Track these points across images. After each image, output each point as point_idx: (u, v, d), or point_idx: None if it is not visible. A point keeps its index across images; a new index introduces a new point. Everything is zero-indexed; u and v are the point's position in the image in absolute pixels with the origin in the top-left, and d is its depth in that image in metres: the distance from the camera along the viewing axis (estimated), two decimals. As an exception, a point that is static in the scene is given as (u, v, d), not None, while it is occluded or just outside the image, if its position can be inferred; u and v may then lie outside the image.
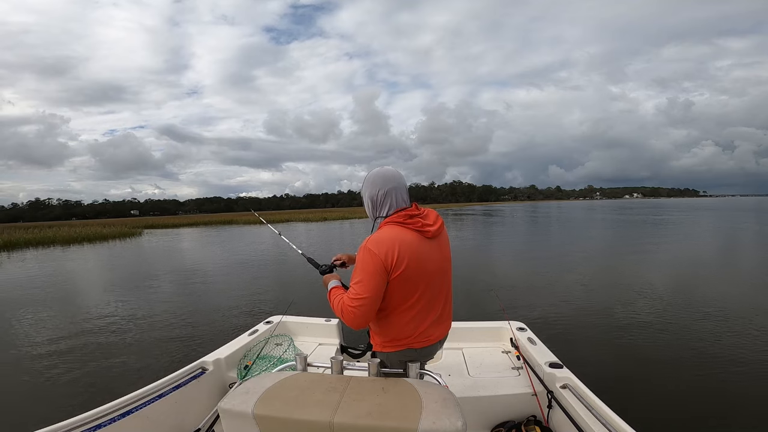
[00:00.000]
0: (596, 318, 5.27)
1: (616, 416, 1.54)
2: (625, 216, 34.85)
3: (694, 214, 35.69)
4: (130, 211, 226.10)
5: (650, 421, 2.76)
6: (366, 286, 1.26)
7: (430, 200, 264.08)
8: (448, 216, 43.01)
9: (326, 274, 1.62)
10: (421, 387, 1.14)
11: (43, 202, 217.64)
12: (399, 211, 1.38)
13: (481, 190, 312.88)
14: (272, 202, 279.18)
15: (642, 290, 6.73)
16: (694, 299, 6.02)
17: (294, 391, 1.13)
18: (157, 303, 7.12)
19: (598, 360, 3.93)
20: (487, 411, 2.02)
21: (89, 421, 1.51)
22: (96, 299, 7.77)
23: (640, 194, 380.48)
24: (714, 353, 3.98)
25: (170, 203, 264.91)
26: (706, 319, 5.05)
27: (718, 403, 3.07)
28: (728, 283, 7.23)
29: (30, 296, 8.24)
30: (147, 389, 1.78)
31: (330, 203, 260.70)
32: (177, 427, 1.87)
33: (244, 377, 2.17)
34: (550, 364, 2.07)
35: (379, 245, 1.28)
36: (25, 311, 6.88)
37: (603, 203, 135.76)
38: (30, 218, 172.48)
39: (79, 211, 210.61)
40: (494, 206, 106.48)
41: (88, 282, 10.22)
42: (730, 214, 34.00)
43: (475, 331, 2.73)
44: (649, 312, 5.44)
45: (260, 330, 2.76)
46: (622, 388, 3.26)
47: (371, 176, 1.45)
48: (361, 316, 1.28)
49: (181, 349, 4.63)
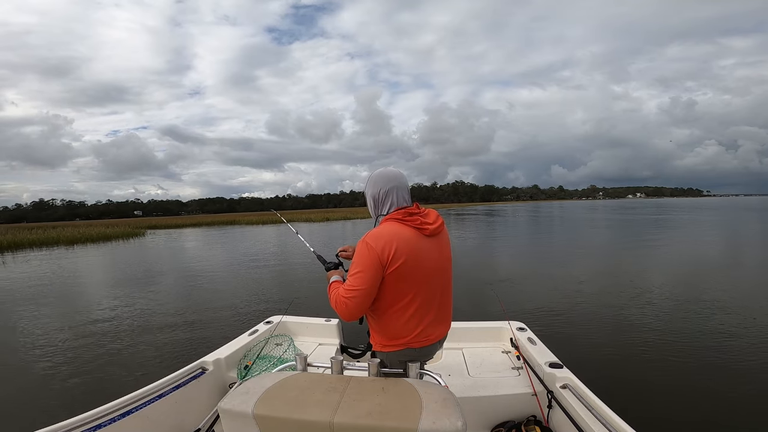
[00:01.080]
0: (596, 318, 5.25)
1: (616, 416, 1.53)
2: (627, 216, 34.73)
3: (697, 213, 35.50)
4: (133, 212, 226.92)
5: (650, 421, 2.75)
6: (360, 279, 1.29)
7: (433, 200, 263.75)
8: (450, 216, 42.97)
9: (330, 270, 1.64)
10: (421, 387, 1.14)
11: (47, 203, 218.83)
12: (400, 210, 1.41)
13: (484, 190, 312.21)
14: (274, 203, 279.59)
15: (643, 290, 6.70)
16: (696, 299, 5.99)
17: (294, 391, 1.13)
18: (158, 303, 7.15)
19: (598, 360, 3.93)
20: (487, 411, 2.02)
21: (89, 421, 1.51)
22: (98, 299, 7.80)
23: (643, 194, 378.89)
24: (715, 353, 3.96)
25: (173, 204, 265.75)
26: (707, 319, 5.03)
27: (718, 403, 3.06)
28: (730, 283, 7.19)
29: (34, 295, 8.28)
30: (147, 389, 1.79)
31: (332, 203, 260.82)
32: (177, 427, 1.87)
33: (244, 377, 2.17)
34: (550, 364, 2.07)
35: (377, 240, 1.30)
36: (29, 310, 6.92)
37: (606, 203, 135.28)
38: (34, 219, 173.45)
39: (83, 211, 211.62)
40: (496, 206, 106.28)
41: (91, 282, 10.26)
42: (733, 214, 33.82)
43: (475, 331, 2.73)
44: (649, 312, 5.42)
45: (260, 330, 2.77)
46: (622, 388, 3.26)
47: (373, 176, 1.50)
48: (354, 307, 1.31)
49: (181, 349, 4.64)
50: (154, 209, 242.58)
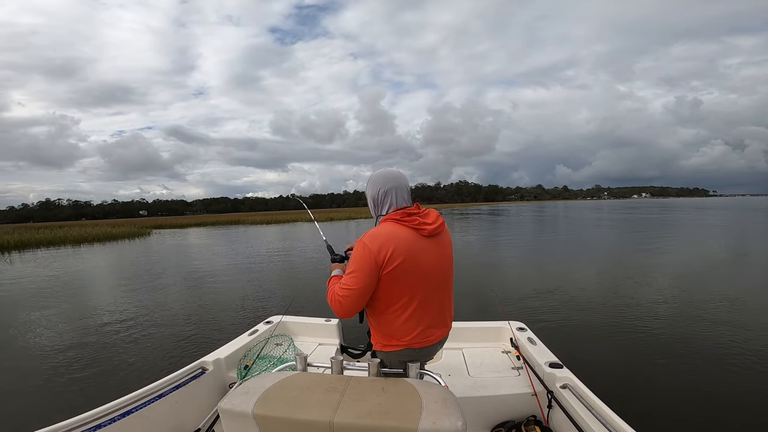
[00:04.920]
0: (597, 318, 5.22)
1: (616, 416, 1.53)
2: (631, 215, 34.48)
3: (703, 214, 35.17)
4: (138, 212, 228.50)
5: (650, 421, 2.73)
6: (355, 279, 1.31)
7: (436, 200, 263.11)
8: (453, 216, 42.86)
9: (335, 263, 1.65)
10: (421, 387, 1.14)
11: (53, 203, 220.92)
12: (399, 210, 1.41)
13: (487, 190, 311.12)
14: (278, 203, 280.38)
15: (643, 290, 6.65)
16: (696, 299, 5.94)
17: (294, 391, 1.13)
18: (159, 302, 7.19)
19: (598, 360, 3.91)
20: (487, 411, 2.02)
21: (89, 421, 1.52)
22: (101, 298, 7.86)
23: (648, 194, 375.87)
24: (715, 353, 3.93)
25: (178, 203, 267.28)
26: (708, 319, 4.99)
27: (718, 403, 3.04)
28: (731, 283, 7.11)
29: (40, 294, 8.36)
30: (147, 389, 1.79)
31: (336, 203, 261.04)
32: (177, 427, 1.88)
33: (244, 377, 2.18)
34: (550, 364, 2.06)
35: (374, 240, 1.31)
36: (34, 308, 6.98)
37: (610, 203, 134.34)
38: (40, 218, 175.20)
39: (89, 211, 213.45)
40: (500, 206, 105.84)
41: (96, 281, 10.35)
42: (739, 214, 33.45)
43: (475, 331, 2.73)
44: (650, 312, 5.38)
45: (260, 330, 2.78)
46: (622, 388, 3.24)
47: (373, 176, 1.51)
48: (347, 306, 1.33)
49: (181, 349, 4.66)
50: (159, 209, 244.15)
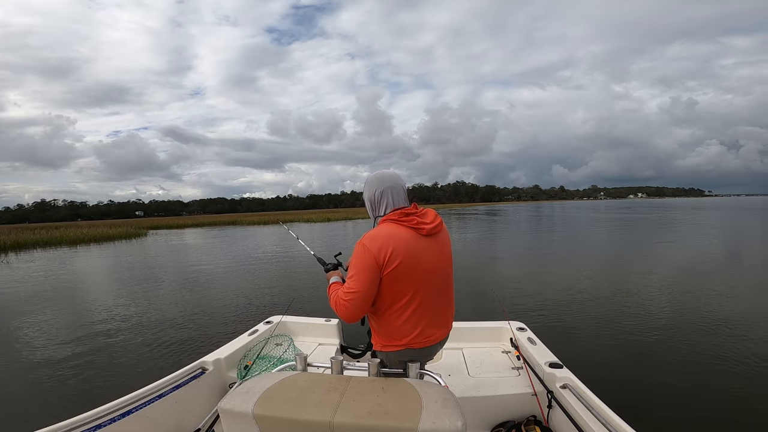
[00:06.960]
0: (597, 318, 5.24)
1: (616, 416, 1.53)
2: (627, 215, 34.65)
3: (699, 213, 35.39)
4: (134, 212, 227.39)
5: (650, 421, 2.74)
6: (358, 281, 1.30)
7: (434, 200, 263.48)
8: (450, 216, 42.92)
9: (330, 271, 1.66)
10: (421, 387, 1.14)
11: (49, 203, 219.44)
12: (396, 210, 1.42)
13: (485, 190, 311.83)
14: (275, 203, 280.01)
15: (643, 290, 6.68)
16: (696, 299, 5.97)
17: (294, 391, 1.13)
18: (158, 302, 7.16)
19: (598, 360, 3.92)
20: (487, 411, 2.02)
21: (89, 421, 1.51)
22: (99, 298, 7.81)
23: (644, 194, 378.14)
24: (715, 353, 3.95)
25: (174, 204, 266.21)
26: (708, 319, 5.01)
27: (719, 403, 3.05)
28: (731, 283, 7.15)
29: (37, 294, 8.29)
30: (147, 389, 1.79)
31: (333, 204, 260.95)
32: (177, 427, 1.87)
33: (244, 377, 2.17)
34: (550, 364, 2.06)
35: (373, 241, 1.31)
36: (32, 309, 6.93)
37: (607, 203, 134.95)
38: (36, 219, 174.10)
39: (85, 212, 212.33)
40: (497, 206, 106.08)
41: (93, 281, 10.28)
42: (735, 214, 33.69)
43: (475, 331, 2.73)
44: (650, 312, 5.40)
45: (260, 330, 2.77)
46: (622, 388, 3.25)
47: (370, 178, 1.52)
48: (353, 309, 1.33)
49: (181, 349, 4.64)
50: (155, 210, 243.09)
